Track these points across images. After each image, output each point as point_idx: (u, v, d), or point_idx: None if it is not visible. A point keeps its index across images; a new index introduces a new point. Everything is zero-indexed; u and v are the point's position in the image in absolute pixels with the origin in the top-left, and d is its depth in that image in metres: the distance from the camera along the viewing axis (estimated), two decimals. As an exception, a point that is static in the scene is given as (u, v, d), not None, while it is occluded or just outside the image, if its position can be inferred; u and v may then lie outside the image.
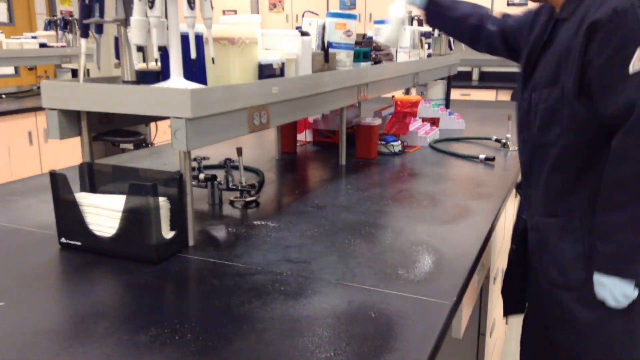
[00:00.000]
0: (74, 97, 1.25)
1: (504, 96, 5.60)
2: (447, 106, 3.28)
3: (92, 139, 1.46)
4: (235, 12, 6.59)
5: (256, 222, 1.45)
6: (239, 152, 1.64)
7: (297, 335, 0.90)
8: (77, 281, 1.10)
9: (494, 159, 2.14)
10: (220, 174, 1.63)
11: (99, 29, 1.37)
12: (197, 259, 1.20)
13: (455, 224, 1.44)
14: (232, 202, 1.63)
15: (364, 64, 2.06)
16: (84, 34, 1.33)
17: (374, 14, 5.87)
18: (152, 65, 1.45)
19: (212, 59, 1.25)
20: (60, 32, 4.50)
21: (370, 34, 2.52)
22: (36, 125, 3.73)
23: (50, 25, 4.61)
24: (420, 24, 3.49)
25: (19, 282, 1.09)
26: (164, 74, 1.39)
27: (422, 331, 0.92)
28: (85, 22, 1.31)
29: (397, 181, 1.88)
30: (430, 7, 1.75)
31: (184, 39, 1.23)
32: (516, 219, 1.60)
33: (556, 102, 1.27)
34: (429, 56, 3.04)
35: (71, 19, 4.56)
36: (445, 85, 3.38)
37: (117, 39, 1.40)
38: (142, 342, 0.87)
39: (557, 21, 1.34)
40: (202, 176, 1.58)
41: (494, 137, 2.50)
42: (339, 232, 1.38)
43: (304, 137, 2.55)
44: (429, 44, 3.15)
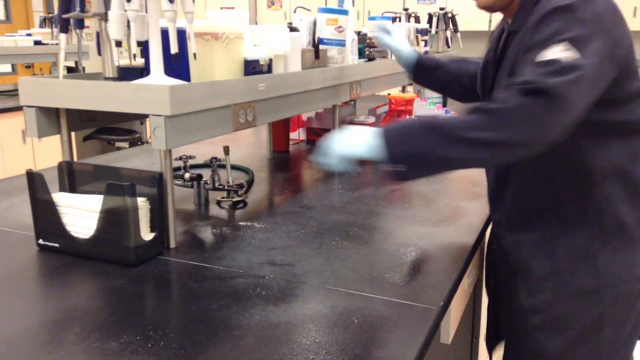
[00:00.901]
0: (52, 94, 1.21)
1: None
2: (445, 104, 3.24)
3: (86, 138, 1.42)
4: (233, 9, 6.54)
5: (242, 223, 1.41)
6: (226, 150, 1.60)
7: (274, 342, 0.86)
8: (53, 284, 1.06)
9: (489, 158, 2.10)
10: (206, 174, 1.59)
11: (80, 24, 1.33)
12: (177, 262, 1.17)
13: (447, 224, 1.40)
14: (219, 202, 1.59)
15: (356, 61, 2.02)
16: (64, 29, 1.29)
17: (372, 12, 5.82)
18: (137, 61, 1.41)
19: (194, 55, 1.21)
20: (55, 30, 4.47)
21: (365, 30, 2.48)
22: (29, 123, 3.69)
23: (45, 22, 4.57)
24: (417, 21, 3.45)
25: (-9, 285, 1.05)
26: (147, 70, 1.36)
27: (407, 338, 0.88)
28: (64, 16, 1.27)
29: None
30: (416, 69, 1.55)
31: (164, 33, 1.19)
32: (487, 251, 1.50)
33: None
34: (426, 53, 3.00)
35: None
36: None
37: (98, 35, 1.36)
38: (112, 350, 0.83)
39: (509, 34, 1.18)
40: (187, 175, 1.54)
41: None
42: (326, 234, 1.34)
43: (298, 135, 2.51)
44: (425, 42, 3.11)
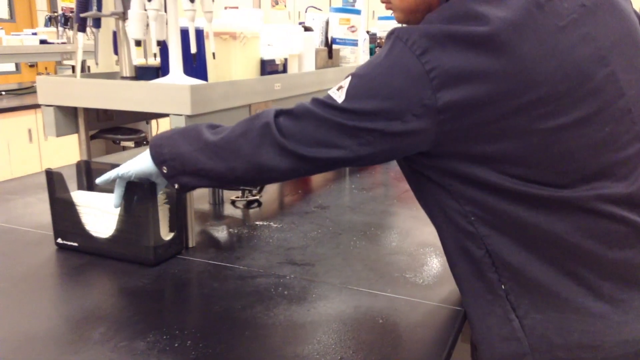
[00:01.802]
0: (70, 93, 1.21)
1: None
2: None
3: (92, 137, 1.42)
4: (237, 8, 6.54)
5: (258, 223, 1.41)
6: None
7: (301, 342, 0.86)
8: (73, 284, 1.06)
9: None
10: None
11: (97, 23, 1.33)
12: (197, 261, 1.16)
13: (463, 224, 1.40)
14: (233, 202, 1.59)
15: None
16: (81, 28, 1.29)
17: (376, 12, 5.82)
18: (152, 60, 1.41)
19: (213, 54, 1.20)
20: (60, 29, 4.47)
21: (374, 30, 2.48)
22: (36, 122, 3.69)
23: (50, 21, 4.57)
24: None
25: (13, 284, 1.05)
26: (164, 69, 1.35)
27: (434, 338, 0.88)
28: (82, 15, 1.26)
29: (402, 180, 1.84)
30: None
31: (184, 33, 1.19)
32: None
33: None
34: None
35: (72, 15, 4.52)
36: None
37: (115, 34, 1.36)
38: (140, 349, 0.83)
39: None
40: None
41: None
42: (343, 234, 1.33)
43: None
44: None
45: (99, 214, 1.15)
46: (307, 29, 1.63)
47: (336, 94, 0.82)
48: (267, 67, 1.42)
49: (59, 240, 1.20)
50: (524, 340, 0.82)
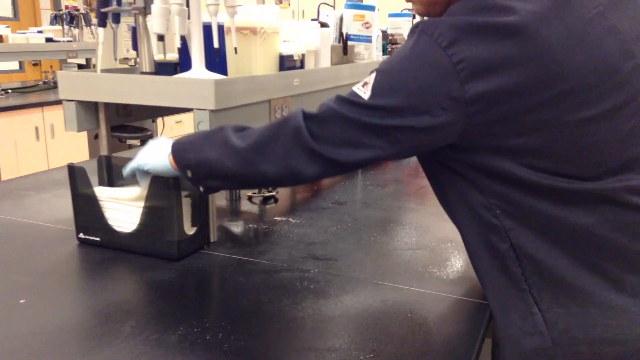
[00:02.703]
0: (92, 88, 1.21)
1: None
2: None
3: (96, 136, 1.42)
4: (240, 6, 6.54)
5: (277, 218, 1.41)
6: (258, 146, 1.59)
7: (332, 335, 0.86)
8: (99, 278, 1.06)
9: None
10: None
11: (116, 19, 1.33)
12: (220, 256, 1.16)
13: (481, 220, 1.40)
14: (250, 198, 1.59)
15: (380, 58, 2.02)
16: (102, 23, 1.28)
17: (381, 9, 5.82)
18: (170, 56, 1.41)
19: (235, 49, 1.20)
20: (66, 27, 4.46)
21: (384, 27, 2.48)
22: (43, 120, 3.69)
23: (56, 19, 4.57)
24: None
25: (39, 278, 1.05)
26: (182, 64, 1.35)
27: (463, 332, 0.88)
28: (103, 10, 1.26)
29: (417, 177, 1.84)
30: None
31: (205, 28, 1.19)
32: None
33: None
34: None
35: (77, 13, 4.52)
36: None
37: (134, 29, 1.36)
38: (172, 342, 0.83)
39: None
40: (220, 171, 1.54)
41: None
42: (363, 229, 1.33)
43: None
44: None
45: (122, 208, 1.15)
46: (323, 24, 1.63)
47: (361, 90, 0.82)
48: (286, 63, 1.42)
49: (81, 235, 1.20)
50: (546, 334, 0.82)
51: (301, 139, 0.84)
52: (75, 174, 1.18)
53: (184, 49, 1.28)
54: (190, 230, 1.16)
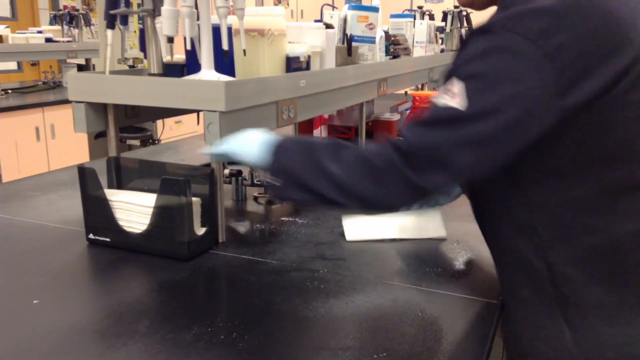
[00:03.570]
0: (101, 89, 1.22)
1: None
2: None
3: (97, 136, 1.42)
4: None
5: (284, 219, 1.42)
6: (263, 147, 1.60)
7: (345, 334, 0.87)
8: (110, 278, 1.07)
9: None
10: (244, 170, 1.60)
11: (124, 20, 1.33)
12: (229, 256, 1.17)
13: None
14: (256, 198, 1.60)
15: (383, 58, 2.04)
16: (110, 25, 1.29)
17: (386, 9, 5.83)
18: (177, 57, 1.42)
19: (244, 51, 1.21)
20: (65, 27, 4.46)
21: (385, 28, 2.49)
22: (43, 121, 3.69)
23: (55, 19, 4.56)
24: (432, 18, 3.46)
25: (51, 279, 1.06)
26: (189, 66, 1.36)
27: (474, 330, 0.89)
28: (111, 12, 1.27)
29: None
30: None
31: (215, 30, 1.20)
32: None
33: None
34: (442, 51, 3.01)
35: (77, 13, 4.52)
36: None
37: (142, 31, 1.36)
38: (187, 341, 0.84)
39: None
40: (226, 172, 1.55)
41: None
42: (370, 229, 1.35)
43: (319, 133, 2.51)
44: (442, 39, 3.12)
45: (133, 209, 1.15)
46: (328, 26, 1.63)
47: (450, 100, 0.77)
48: (292, 64, 1.43)
49: (91, 235, 1.21)
50: (575, 352, 0.82)
51: (399, 175, 0.79)
52: (85, 175, 1.19)
53: (191, 51, 1.29)
54: (199, 230, 1.17)
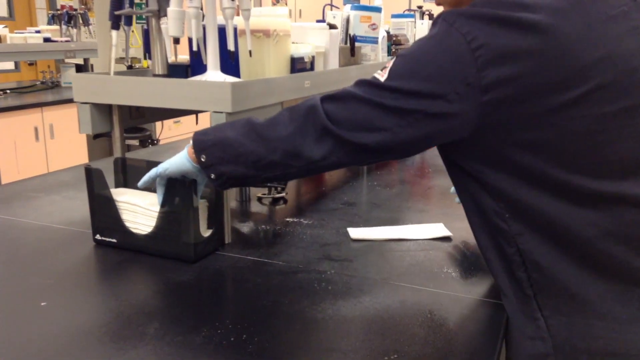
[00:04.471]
0: (107, 90, 1.22)
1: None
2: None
3: (95, 136, 1.42)
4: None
5: (288, 220, 1.42)
6: (267, 147, 1.60)
7: (354, 336, 0.87)
8: (117, 280, 1.07)
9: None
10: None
11: (129, 21, 1.33)
12: (236, 257, 1.17)
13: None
14: (260, 199, 1.59)
15: (385, 58, 2.04)
16: (115, 26, 1.29)
17: (387, 9, 5.82)
18: (180, 58, 1.41)
19: (250, 52, 1.21)
20: (64, 27, 4.45)
21: (386, 28, 2.49)
22: (42, 121, 3.68)
23: (53, 19, 4.55)
24: (431, 18, 3.46)
25: (58, 280, 1.06)
26: (193, 67, 1.36)
27: (484, 332, 0.89)
28: (116, 13, 1.27)
29: (423, 177, 1.86)
30: None
31: (220, 31, 1.20)
32: None
33: None
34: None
35: (75, 13, 4.51)
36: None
37: (147, 32, 1.36)
38: (197, 344, 0.84)
39: None
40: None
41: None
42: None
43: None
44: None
45: (140, 210, 1.15)
46: (332, 26, 1.63)
47: (380, 73, 0.84)
48: (297, 65, 1.43)
49: (98, 236, 1.21)
50: (547, 340, 0.83)
51: (315, 116, 0.87)
52: (92, 176, 1.18)
53: (197, 52, 1.28)
54: (206, 232, 1.17)
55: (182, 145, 2.36)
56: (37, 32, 4.34)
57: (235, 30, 1.25)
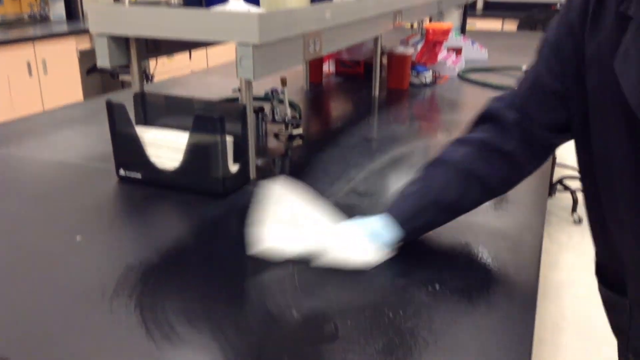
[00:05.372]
0: (125, 22, 1.17)
1: (511, 26, 5.49)
2: (464, 31, 3.20)
3: (88, 72, 1.38)
4: None
5: (309, 155, 1.41)
6: (284, 82, 1.57)
7: (395, 266, 0.89)
8: (149, 214, 1.07)
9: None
10: (265, 106, 1.57)
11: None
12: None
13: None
14: (276, 135, 1.58)
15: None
16: (129, -48, 1.23)
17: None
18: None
19: (273, -20, 1.16)
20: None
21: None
22: (35, 55, 3.56)
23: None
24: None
25: (88, 216, 1.05)
26: (209, -3, 1.31)
27: (523, 267, 0.91)
28: (130, -62, 1.20)
29: (441, 112, 1.84)
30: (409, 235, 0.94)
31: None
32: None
33: None
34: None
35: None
36: (460, 14, 3.29)
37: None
38: (244, 272, 0.85)
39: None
40: (248, 107, 1.52)
41: (524, 67, 2.44)
42: (398, 164, 1.34)
43: (327, 67, 2.47)
44: None
45: (165, 145, 1.13)
46: (349, -46, 1.57)
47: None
48: (317, -5, 1.38)
49: (122, 171, 1.19)
50: None
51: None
52: (114, 110, 1.16)
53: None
54: (233, 167, 1.16)
55: (190, 80, 2.30)
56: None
57: (255, -43, 1.20)
